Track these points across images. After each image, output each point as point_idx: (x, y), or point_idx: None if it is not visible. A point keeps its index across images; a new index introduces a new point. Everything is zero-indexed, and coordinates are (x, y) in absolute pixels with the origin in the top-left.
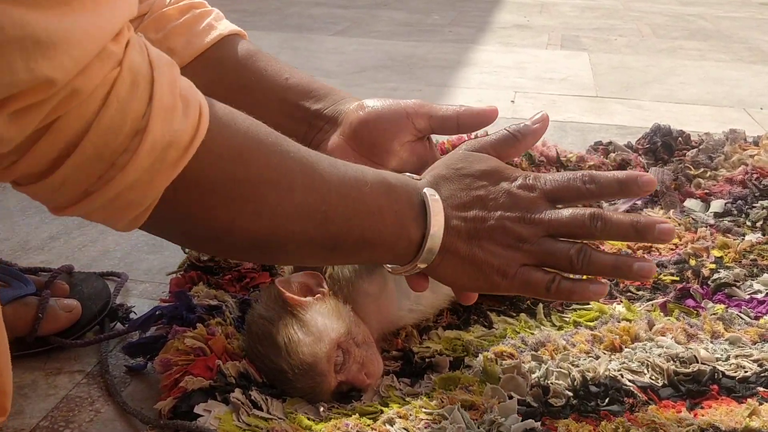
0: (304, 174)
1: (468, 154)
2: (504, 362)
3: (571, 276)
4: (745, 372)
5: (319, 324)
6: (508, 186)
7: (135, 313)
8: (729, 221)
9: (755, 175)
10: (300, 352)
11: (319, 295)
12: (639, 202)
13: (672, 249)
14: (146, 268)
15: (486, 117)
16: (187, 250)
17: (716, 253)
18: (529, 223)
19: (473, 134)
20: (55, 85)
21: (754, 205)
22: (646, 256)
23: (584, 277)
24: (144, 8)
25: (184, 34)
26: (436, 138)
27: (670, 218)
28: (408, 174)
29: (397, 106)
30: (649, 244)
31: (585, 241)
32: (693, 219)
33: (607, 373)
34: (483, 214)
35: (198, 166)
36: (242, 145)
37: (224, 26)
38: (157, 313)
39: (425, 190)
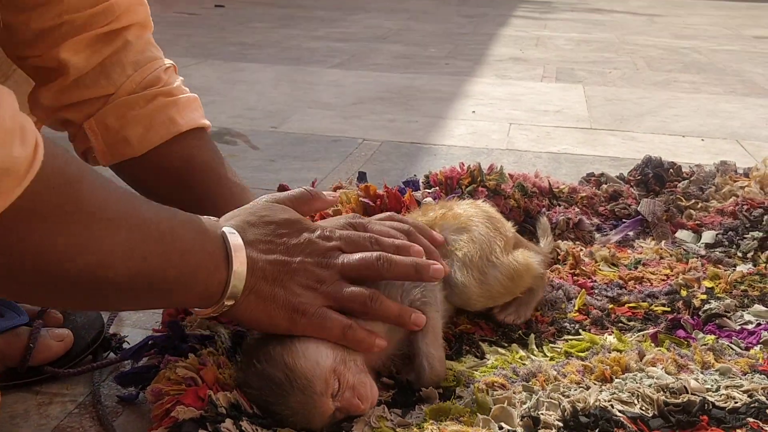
0: (127, 212)
1: (271, 205)
2: (495, 393)
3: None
4: (735, 403)
5: (317, 347)
6: (308, 235)
7: (128, 342)
8: (720, 252)
9: (746, 207)
10: (299, 366)
11: None
12: (631, 233)
13: (663, 280)
14: None
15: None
16: None
17: (707, 283)
18: (326, 267)
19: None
20: None
21: (745, 236)
22: (637, 286)
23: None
24: (110, 88)
25: (142, 124)
26: (429, 169)
27: (661, 249)
28: (212, 218)
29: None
30: (641, 275)
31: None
32: (684, 250)
33: (597, 403)
34: (286, 259)
35: (31, 195)
36: (72, 178)
37: (189, 119)
38: (149, 342)
39: (224, 229)
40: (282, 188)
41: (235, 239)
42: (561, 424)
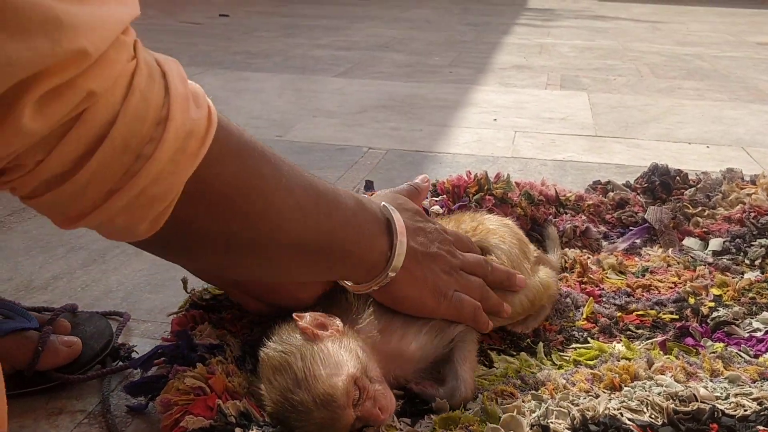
0: (296, 179)
1: (398, 195)
2: (504, 402)
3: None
4: (745, 411)
5: (338, 357)
6: (433, 226)
7: (137, 352)
8: (728, 259)
9: (753, 214)
10: (320, 381)
11: (334, 330)
12: (638, 241)
13: (671, 287)
14: (148, 307)
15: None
16: (189, 289)
17: (715, 291)
18: (454, 257)
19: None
20: (88, 57)
21: (753, 243)
22: (645, 294)
23: None
24: None
25: None
26: (434, 177)
27: (669, 256)
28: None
29: None
30: (648, 283)
31: None
32: (692, 257)
33: (606, 411)
34: (427, 242)
35: (214, 158)
36: (246, 142)
37: None
38: (158, 351)
39: (387, 205)
40: None
41: (395, 214)
42: None
